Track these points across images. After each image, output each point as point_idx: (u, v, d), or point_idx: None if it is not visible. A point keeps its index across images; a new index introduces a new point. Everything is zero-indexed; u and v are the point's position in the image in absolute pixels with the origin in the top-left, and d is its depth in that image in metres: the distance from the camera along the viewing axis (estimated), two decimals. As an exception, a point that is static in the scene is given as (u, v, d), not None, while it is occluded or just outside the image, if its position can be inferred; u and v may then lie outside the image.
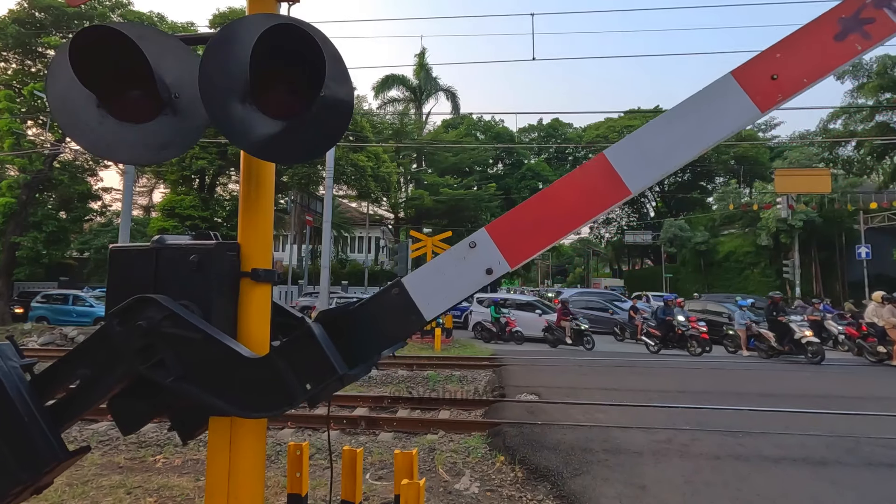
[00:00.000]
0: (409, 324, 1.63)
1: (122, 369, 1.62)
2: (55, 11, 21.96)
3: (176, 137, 1.77)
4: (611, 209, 1.72)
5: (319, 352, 1.52)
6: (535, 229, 1.67)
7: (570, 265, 79.01)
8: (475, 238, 1.66)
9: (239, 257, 1.81)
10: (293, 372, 1.52)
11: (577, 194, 1.67)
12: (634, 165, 1.62)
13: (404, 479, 2.88)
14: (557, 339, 16.61)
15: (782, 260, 33.49)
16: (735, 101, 1.55)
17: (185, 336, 1.58)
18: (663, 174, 1.63)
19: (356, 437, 6.38)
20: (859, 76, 33.58)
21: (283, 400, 1.53)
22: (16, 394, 1.52)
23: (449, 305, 1.63)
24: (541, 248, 1.67)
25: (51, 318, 20.16)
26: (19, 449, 1.49)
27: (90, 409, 1.70)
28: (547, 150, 51.86)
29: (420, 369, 10.82)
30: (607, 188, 1.64)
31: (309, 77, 1.58)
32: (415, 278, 1.64)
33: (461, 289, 1.63)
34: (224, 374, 1.57)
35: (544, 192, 1.70)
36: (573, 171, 1.71)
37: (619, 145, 1.65)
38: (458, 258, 1.65)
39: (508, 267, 1.65)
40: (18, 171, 20.74)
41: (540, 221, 1.67)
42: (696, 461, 5.22)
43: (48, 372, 1.64)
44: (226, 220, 26.64)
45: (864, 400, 8.10)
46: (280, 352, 1.56)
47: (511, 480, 4.91)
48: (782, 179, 27.02)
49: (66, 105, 1.69)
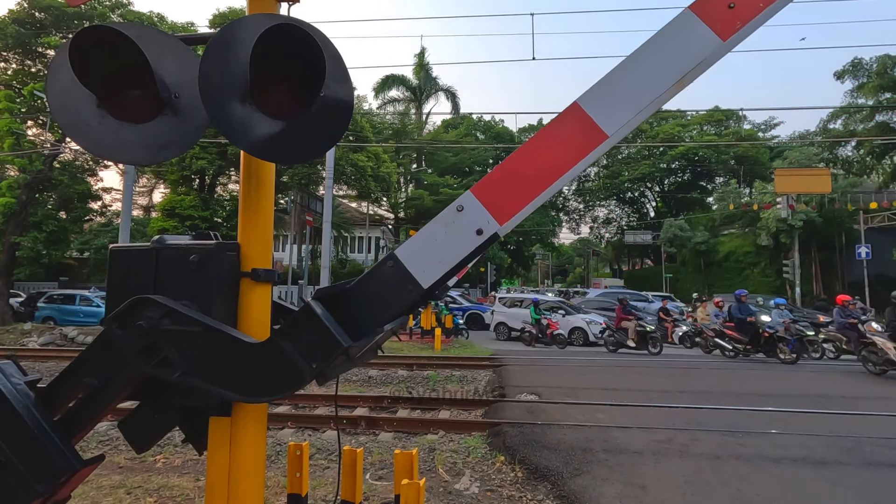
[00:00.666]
0: (407, 294, 1.63)
1: (127, 372, 1.63)
2: (55, 11, 21.95)
3: (176, 137, 1.77)
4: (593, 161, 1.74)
5: (322, 328, 1.52)
6: (519, 185, 1.68)
7: (570, 265, 79.05)
8: (461, 201, 1.68)
9: (239, 257, 1.82)
10: (298, 352, 1.53)
11: (555, 146, 1.69)
12: (607, 107, 1.64)
13: (404, 479, 2.88)
14: (618, 341, 14.81)
15: (782, 260, 33.50)
16: (696, 33, 1.58)
17: (187, 330, 1.59)
18: (637, 113, 1.64)
19: (356, 437, 6.38)
20: (859, 76, 33.60)
21: (291, 381, 1.54)
22: (23, 409, 1.52)
23: (444, 271, 1.65)
24: (527, 202, 1.69)
25: (58, 319, 20.04)
26: (33, 462, 1.49)
27: (101, 417, 1.71)
28: (547, 150, 51.75)
29: (420, 369, 10.83)
30: (584, 135, 1.66)
31: (309, 77, 1.58)
32: (407, 249, 1.66)
33: (454, 253, 1.65)
34: (229, 363, 1.59)
35: (523, 148, 1.71)
36: (548, 124, 1.72)
37: (590, 91, 1.67)
38: (447, 223, 1.66)
39: (498, 225, 1.67)
40: (18, 171, 20.73)
41: (523, 177, 1.69)
42: (697, 461, 5.22)
43: (53, 385, 1.64)
44: (226, 220, 26.63)
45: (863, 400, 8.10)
46: (282, 333, 1.56)
47: (511, 480, 4.91)
48: (782, 179, 27.05)
49: (66, 105, 1.69)
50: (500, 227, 1.66)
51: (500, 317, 19.26)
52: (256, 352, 1.57)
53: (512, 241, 46.41)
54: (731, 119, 49.00)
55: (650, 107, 1.62)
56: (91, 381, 1.61)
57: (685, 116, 50.21)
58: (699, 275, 41.61)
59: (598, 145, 1.66)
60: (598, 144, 1.66)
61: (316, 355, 1.52)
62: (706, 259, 41.55)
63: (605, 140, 1.64)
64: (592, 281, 54.97)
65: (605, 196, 54.58)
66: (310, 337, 1.53)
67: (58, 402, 1.62)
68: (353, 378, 9.98)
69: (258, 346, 1.58)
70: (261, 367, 1.57)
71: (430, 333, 15.23)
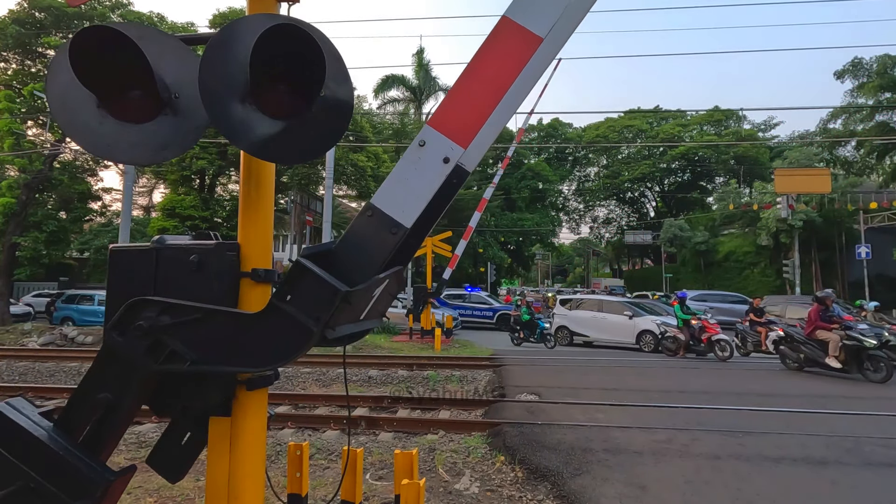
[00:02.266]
0: (392, 237, 1.67)
1: (138, 377, 1.64)
2: (55, 11, 21.95)
3: (176, 137, 1.77)
4: (542, 73, 1.75)
5: (315, 278, 1.54)
6: (471, 105, 1.73)
7: (570, 265, 79.07)
8: (421, 136, 1.72)
9: (239, 257, 1.82)
10: (299, 309, 1.55)
11: (495, 59, 1.73)
12: (534, 11, 1.70)
13: (404, 479, 2.88)
14: (809, 357, 10.64)
15: (782, 260, 33.49)
16: None
17: (187, 320, 1.61)
18: (564, 8, 1.69)
19: (356, 437, 6.38)
20: (859, 76, 33.61)
21: (300, 340, 1.56)
22: (45, 438, 1.55)
23: (422, 206, 1.69)
24: (482, 120, 1.72)
25: (76, 319, 19.79)
26: (67, 484, 1.51)
27: (124, 427, 1.73)
28: (547, 150, 51.86)
29: (420, 369, 10.82)
30: (519, 43, 1.71)
31: (309, 77, 1.58)
32: (382, 195, 1.69)
33: (427, 186, 1.69)
34: (236, 339, 1.60)
35: (466, 71, 1.75)
36: (483, 42, 1.76)
37: (514, 1, 1.73)
38: (413, 161, 1.71)
39: (461, 149, 1.71)
40: (18, 172, 20.73)
41: (472, 97, 1.73)
42: (697, 461, 5.22)
43: (68, 410, 1.66)
44: (226, 220, 26.61)
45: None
46: (279, 295, 1.58)
47: (511, 480, 4.91)
48: (782, 179, 27.08)
49: (66, 105, 1.69)
50: (465, 151, 1.71)
51: (562, 320, 17.15)
52: (259, 320, 1.59)
53: (512, 241, 46.39)
54: (730, 119, 49.02)
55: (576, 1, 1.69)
56: (105, 397, 1.62)
57: (685, 116, 50.23)
58: (699, 275, 41.62)
59: (535, 50, 1.70)
60: (535, 49, 1.70)
61: (317, 308, 1.53)
62: (706, 259, 41.57)
63: (541, 43, 1.69)
64: (592, 281, 54.98)
65: (605, 196, 54.59)
66: (306, 291, 1.55)
67: (77, 425, 1.63)
68: (353, 378, 9.98)
69: (259, 314, 1.59)
70: (267, 333, 1.58)
71: (430, 333, 15.23)
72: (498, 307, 24.46)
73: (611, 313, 16.34)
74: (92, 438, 1.63)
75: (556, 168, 50.92)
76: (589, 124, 53.02)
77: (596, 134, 49.46)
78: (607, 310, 16.64)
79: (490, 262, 40.73)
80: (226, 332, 1.61)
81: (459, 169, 1.74)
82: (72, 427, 1.63)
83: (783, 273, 32.49)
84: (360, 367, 11.04)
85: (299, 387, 9.36)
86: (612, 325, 15.94)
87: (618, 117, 50.63)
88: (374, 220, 1.67)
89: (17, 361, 11.53)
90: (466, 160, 1.73)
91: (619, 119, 50.57)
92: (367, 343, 14.45)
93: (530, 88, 1.77)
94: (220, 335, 1.61)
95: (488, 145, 1.76)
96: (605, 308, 16.88)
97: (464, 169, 1.75)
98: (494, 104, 1.71)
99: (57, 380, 10.08)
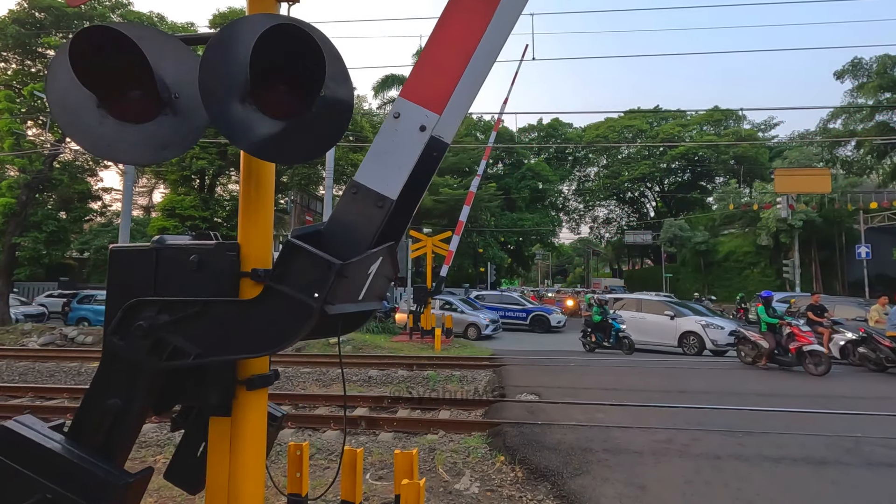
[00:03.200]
0: (379, 210, 1.70)
1: (145, 377, 1.65)
2: (55, 11, 21.95)
3: (176, 137, 1.77)
4: (510, 28, 1.78)
5: (308, 255, 1.56)
6: (440, 71, 1.77)
7: (570, 265, 79.08)
8: (395, 108, 1.75)
9: (239, 257, 1.82)
10: (296, 288, 1.57)
11: (458, 23, 1.76)
12: None
13: (404, 479, 2.88)
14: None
15: (782, 260, 33.51)
16: None
17: (186, 314, 1.62)
18: None
19: (356, 437, 6.38)
20: (859, 76, 33.62)
21: (301, 318, 1.57)
22: (59, 448, 1.57)
23: (405, 177, 1.73)
24: (453, 83, 1.76)
25: (92, 320, 19.52)
26: (86, 491, 1.52)
27: (137, 429, 1.74)
28: (547, 150, 51.88)
29: (420, 369, 10.82)
30: (478, 4, 1.75)
31: (309, 77, 1.58)
32: (364, 171, 1.73)
33: (407, 156, 1.73)
34: (237, 327, 1.62)
35: (432, 37, 1.79)
36: (445, 7, 1.80)
37: None
38: (390, 133, 1.74)
39: (436, 115, 1.74)
40: (18, 172, 20.72)
41: (440, 62, 1.77)
42: (697, 461, 5.21)
43: (77, 420, 1.67)
44: (226, 220, 26.61)
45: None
46: (274, 277, 1.60)
47: (511, 480, 4.91)
48: (782, 179, 27.07)
49: (66, 105, 1.69)
50: (440, 116, 1.74)
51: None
52: (258, 305, 1.61)
53: (512, 241, 46.39)
54: (730, 119, 49.02)
55: None
56: (115, 403, 1.63)
57: (685, 116, 50.22)
58: (699, 275, 41.65)
59: (495, 9, 1.74)
60: (495, 8, 1.74)
61: (313, 285, 1.55)
62: (706, 259, 41.58)
63: (500, 2, 1.73)
64: (592, 281, 54.97)
65: (605, 196, 54.60)
66: (301, 269, 1.57)
67: (90, 434, 1.64)
68: (353, 378, 9.98)
69: (257, 299, 1.61)
70: (268, 317, 1.60)
71: (430, 333, 15.22)
72: (531, 308, 23.55)
73: (651, 313, 15.37)
74: (106, 444, 1.64)
75: (556, 168, 50.92)
76: (589, 124, 53.04)
77: (596, 134, 49.45)
78: (647, 310, 15.67)
79: (490, 262, 40.74)
80: (226, 321, 1.62)
81: (437, 141, 1.77)
82: (84, 436, 1.64)
83: (783, 273, 32.50)
84: (360, 367, 11.03)
85: (299, 387, 9.36)
86: (652, 327, 14.92)
87: (618, 117, 50.63)
88: (360, 196, 1.70)
89: (17, 361, 11.52)
90: (443, 130, 1.76)
91: (619, 119, 50.56)
92: (367, 343, 14.45)
93: (497, 50, 1.79)
94: (220, 326, 1.62)
95: (463, 113, 1.80)
96: (644, 308, 15.87)
97: (442, 141, 1.78)
98: (463, 67, 1.75)
99: (57, 380, 10.08)
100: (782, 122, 75.18)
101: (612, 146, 48.59)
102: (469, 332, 18.30)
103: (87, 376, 10.30)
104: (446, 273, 16.12)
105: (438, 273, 16.48)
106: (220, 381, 1.80)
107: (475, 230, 41.05)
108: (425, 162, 1.77)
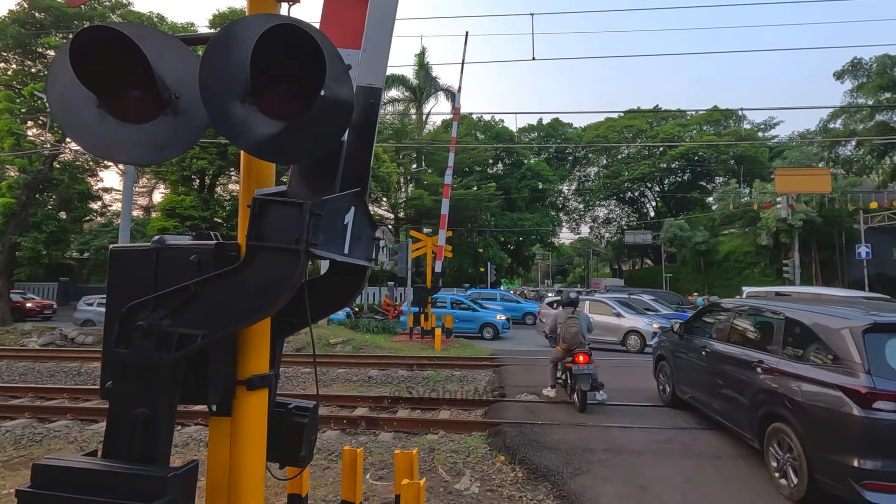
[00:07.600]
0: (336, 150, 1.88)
1: (161, 375, 1.65)
2: (55, 11, 21.95)
3: (176, 137, 1.78)
4: None
5: (278, 206, 1.63)
6: (344, 7, 1.97)
7: (570, 265, 79.10)
8: None
9: (239, 257, 1.82)
10: (276, 239, 1.62)
11: None
12: None
13: (404, 479, 2.88)
14: None
15: (782, 259, 33.46)
16: None
17: (181, 300, 1.63)
18: None
19: (356, 437, 6.38)
20: (859, 76, 33.62)
21: (290, 266, 1.61)
22: (99, 467, 1.59)
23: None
24: (361, 16, 1.93)
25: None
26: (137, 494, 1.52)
27: (171, 429, 1.74)
28: (547, 150, 51.86)
29: (420, 369, 10.82)
30: None
31: (309, 77, 1.58)
32: None
33: None
34: (233, 295, 1.64)
35: None
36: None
37: None
38: None
39: (357, 50, 1.90)
40: (18, 172, 20.72)
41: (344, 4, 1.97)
42: (697, 461, 5.22)
43: (108, 441, 1.67)
44: (226, 220, 26.60)
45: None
46: (252, 236, 1.64)
47: (511, 480, 4.91)
48: (782, 179, 27.06)
49: (66, 105, 1.69)
50: (361, 52, 1.91)
51: None
52: (246, 268, 1.64)
53: (512, 241, 46.38)
54: (730, 119, 49.00)
55: None
56: (140, 412, 1.64)
57: (685, 116, 50.21)
58: (699, 274, 41.62)
59: None
60: None
61: (291, 229, 1.60)
62: (706, 259, 41.55)
63: None
64: (592, 281, 54.97)
65: (605, 196, 54.56)
66: (273, 219, 1.62)
67: (125, 450, 1.65)
68: (353, 378, 9.98)
69: (243, 263, 1.64)
70: (258, 276, 1.62)
71: (430, 333, 15.22)
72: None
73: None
74: (144, 452, 1.64)
75: (555, 168, 50.90)
76: (589, 124, 53.03)
77: (596, 134, 49.44)
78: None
79: (490, 262, 40.71)
80: (220, 295, 1.64)
81: (370, 88, 1.87)
82: (120, 453, 1.64)
83: (783, 273, 32.45)
84: (360, 367, 11.03)
85: (299, 387, 9.36)
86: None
87: (618, 117, 50.61)
88: None
89: (18, 362, 11.52)
90: (370, 72, 1.87)
91: (619, 119, 50.54)
92: (367, 343, 14.45)
93: None
94: (216, 301, 1.64)
95: (386, 50, 1.92)
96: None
97: (374, 87, 1.89)
98: (365, 3, 1.89)
99: (57, 380, 10.07)
100: (782, 122, 75.28)
101: (612, 146, 48.57)
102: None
103: (87, 376, 10.30)
104: (440, 268, 16.16)
105: (433, 268, 16.51)
106: (220, 381, 1.81)
107: (475, 230, 41.04)
108: (363, 109, 1.87)
